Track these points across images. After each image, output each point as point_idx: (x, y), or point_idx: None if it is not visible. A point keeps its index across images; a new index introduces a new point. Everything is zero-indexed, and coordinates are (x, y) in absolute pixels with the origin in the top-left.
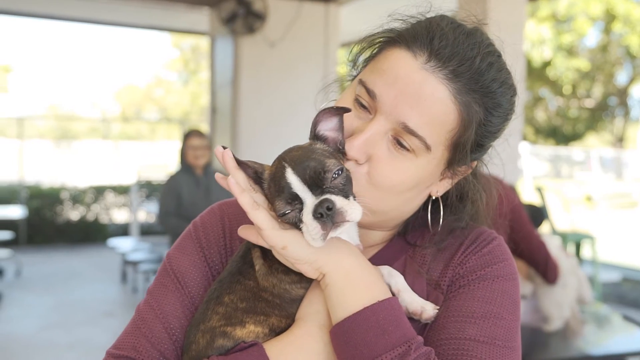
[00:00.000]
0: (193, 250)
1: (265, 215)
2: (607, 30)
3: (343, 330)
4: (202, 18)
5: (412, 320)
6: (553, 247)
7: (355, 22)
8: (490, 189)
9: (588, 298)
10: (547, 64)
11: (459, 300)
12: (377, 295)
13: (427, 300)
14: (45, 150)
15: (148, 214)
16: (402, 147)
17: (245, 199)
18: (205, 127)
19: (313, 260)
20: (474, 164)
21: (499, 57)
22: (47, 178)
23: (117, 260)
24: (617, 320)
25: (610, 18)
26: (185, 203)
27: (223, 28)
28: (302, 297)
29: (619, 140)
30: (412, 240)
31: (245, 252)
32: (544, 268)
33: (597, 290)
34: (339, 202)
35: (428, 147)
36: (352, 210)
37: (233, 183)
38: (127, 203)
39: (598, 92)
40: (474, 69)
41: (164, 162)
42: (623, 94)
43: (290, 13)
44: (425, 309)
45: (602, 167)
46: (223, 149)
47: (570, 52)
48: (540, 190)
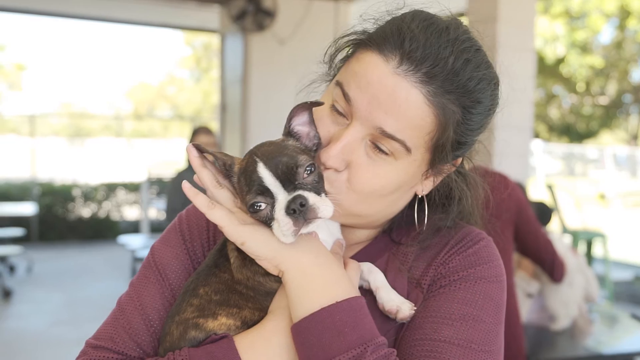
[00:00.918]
0: (176, 243)
1: (222, 213)
2: (621, 27)
3: (299, 331)
4: (212, 16)
5: (390, 319)
6: (560, 245)
7: None
8: (476, 186)
9: (596, 297)
10: (560, 61)
11: (438, 301)
12: (336, 295)
13: (406, 299)
14: (59, 148)
15: (158, 211)
16: (381, 151)
17: (200, 201)
18: (216, 124)
19: (271, 257)
20: (458, 161)
21: (478, 50)
22: (59, 175)
23: (127, 257)
24: (626, 320)
25: (625, 14)
26: None
27: (233, 25)
28: (276, 290)
29: (634, 138)
30: (397, 238)
31: (223, 245)
32: (551, 266)
33: (608, 289)
34: (312, 198)
35: (408, 149)
36: (324, 207)
37: (187, 187)
38: (138, 200)
39: (612, 89)
40: (448, 70)
41: (175, 159)
42: (638, 91)
43: (300, 10)
44: (401, 309)
45: (616, 165)
46: (192, 147)
47: (584, 49)
48: (551, 188)
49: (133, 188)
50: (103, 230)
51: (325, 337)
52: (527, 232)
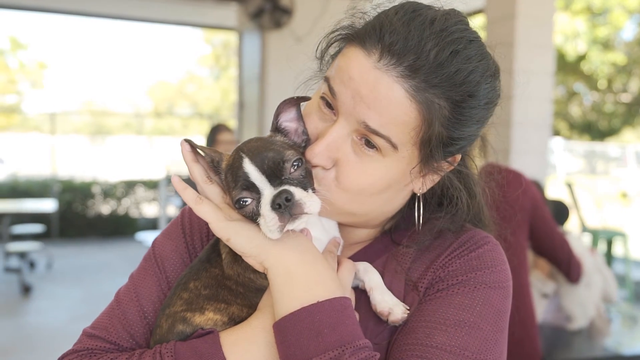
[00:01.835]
0: (177, 236)
1: (209, 208)
2: None
3: (279, 329)
4: (230, 13)
5: (384, 321)
6: (577, 245)
7: None
8: (475, 185)
9: (614, 297)
10: (581, 58)
11: (434, 305)
12: (318, 295)
13: (400, 302)
14: (81, 145)
15: (176, 209)
16: (368, 147)
17: (188, 195)
18: (234, 122)
19: (256, 254)
20: (457, 158)
21: (471, 42)
22: (80, 172)
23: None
24: None
25: None
26: None
27: (250, 23)
28: (267, 287)
29: None
30: (397, 239)
31: (216, 240)
32: (567, 267)
33: (628, 289)
34: (298, 193)
35: (394, 146)
36: (310, 203)
37: (175, 181)
38: (156, 197)
39: (635, 86)
40: (431, 63)
41: None
42: None
43: (317, 8)
44: (394, 311)
45: (638, 163)
46: (185, 142)
47: (606, 45)
48: (570, 186)
49: (152, 185)
50: (122, 227)
51: (304, 336)
52: (542, 231)
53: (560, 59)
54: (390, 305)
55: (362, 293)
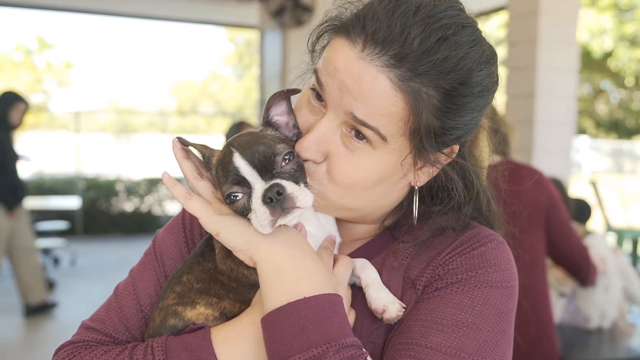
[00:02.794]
0: (177, 231)
1: (199, 203)
2: None
3: (266, 324)
4: (251, 12)
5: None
6: (601, 245)
7: None
8: (472, 178)
9: (639, 297)
10: (608, 55)
11: (431, 304)
12: (305, 291)
13: (397, 300)
14: (106, 144)
15: None
16: (359, 138)
17: (177, 191)
18: (256, 120)
19: (245, 249)
20: (454, 149)
21: (462, 27)
22: (105, 170)
23: None
24: None
25: None
26: None
27: (272, 21)
28: None
29: None
30: (398, 235)
31: (211, 235)
32: (585, 274)
33: None
34: (290, 187)
35: (383, 137)
36: (302, 197)
37: (165, 177)
38: None
39: None
40: (416, 50)
41: None
42: None
43: None
44: (389, 309)
45: None
46: (176, 140)
47: (633, 42)
48: (594, 185)
49: None
50: (145, 225)
51: (288, 332)
52: (558, 233)
53: (587, 56)
54: (385, 303)
55: (359, 290)
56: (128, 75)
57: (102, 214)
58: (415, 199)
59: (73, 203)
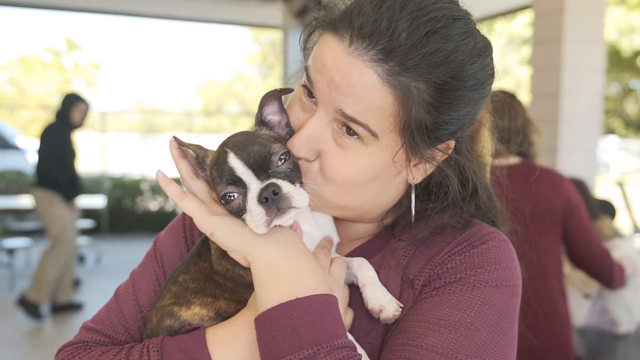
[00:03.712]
0: (177, 231)
1: (193, 203)
2: None
3: (258, 325)
4: (275, 12)
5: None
6: (627, 246)
7: None
8: (469, 174)
9: None
10: (637, 54)
11: (429, 304)
12: (297, 291)
13: (394, 299)
14: (133, 143)
15: None
16: (350, 134)
17: (172, 190)
18: None
19: (239, 249)
20: (450, 145)
21: (454, 20)
22: (131, 169)
23: None
24: None
25: None
26: None
27: (295, 21)
28: None
29: None
30: (397, 234)
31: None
32: (608, 279)
33: None
34: (286, 187)
35: (374, 133)
36: (298, 197)
37: (160, 176)
38: None
39: None
40: (403, 44)
41: None
42: None
43: None
44: (385, 308)
45: None
46: (173, 139)
47: None
48: (621, 185)
49: None
50: (169, 224)
51: (280, 334)
52: (578, 239)
53: (615, 55)
54: (382, 303)
55: (357, 290)
56: (154, 76)
57: (127, 213)
58: (413, 197)
59: (99, 202)
